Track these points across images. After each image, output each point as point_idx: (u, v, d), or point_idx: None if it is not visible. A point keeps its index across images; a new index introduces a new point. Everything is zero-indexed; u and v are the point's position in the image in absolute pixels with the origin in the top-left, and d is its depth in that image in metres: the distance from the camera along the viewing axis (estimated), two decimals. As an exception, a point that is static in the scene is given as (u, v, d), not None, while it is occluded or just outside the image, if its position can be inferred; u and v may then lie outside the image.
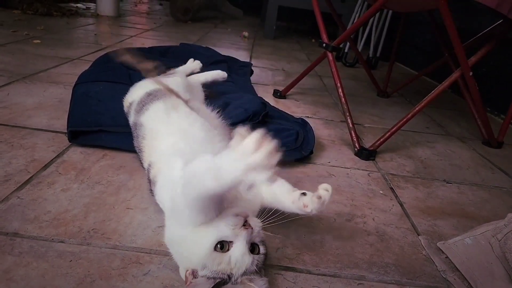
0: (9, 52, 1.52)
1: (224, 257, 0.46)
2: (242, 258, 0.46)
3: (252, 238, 0.49)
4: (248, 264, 0.47)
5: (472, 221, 0.78)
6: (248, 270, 0.47)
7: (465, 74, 0.99)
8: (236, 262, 0.46)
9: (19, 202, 0.63)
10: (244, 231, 0.48)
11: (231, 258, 0.46)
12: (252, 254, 0.48)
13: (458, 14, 1.63)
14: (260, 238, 0.50)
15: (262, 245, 0.51)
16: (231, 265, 0.46)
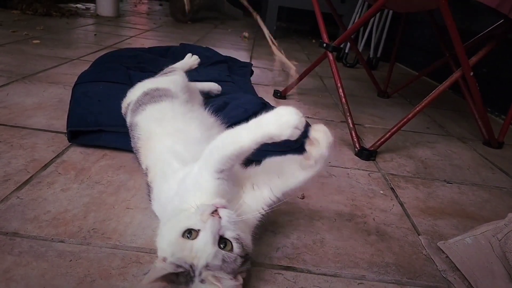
0: (8, 52, 1.52)
1: (187, 244, 0.45)
2: (204, 247, 0.44)
3: (222, 230, 0.46)
4: (209, 255, 0.44)
5: (472, 221, 0.78)
6: (212, 264, 0.44)
7: (466, 74, 0.99)
8: (198, 250, 0.44)
9: (18, 202, 0.63)
10: (210, 219, 0.46)
11: (194, 245, 0.45)
12: (218, 247, 0.45)
13: (459, 14, 1.64)
14: (234, 234, 0.47)
15: (238, 244, 0.47)
16: (193, 253, 0.44)
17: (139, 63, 1.38)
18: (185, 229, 0.46)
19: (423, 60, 2.27)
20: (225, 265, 0.45)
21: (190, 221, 0.46)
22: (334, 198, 0.80)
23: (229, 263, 0.45)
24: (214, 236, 0.45)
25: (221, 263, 0.45)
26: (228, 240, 0.46)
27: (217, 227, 0.46)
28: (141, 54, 1.48)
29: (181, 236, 0.46)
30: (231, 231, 0.47)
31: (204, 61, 1.54)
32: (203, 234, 0.45)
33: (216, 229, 0.45)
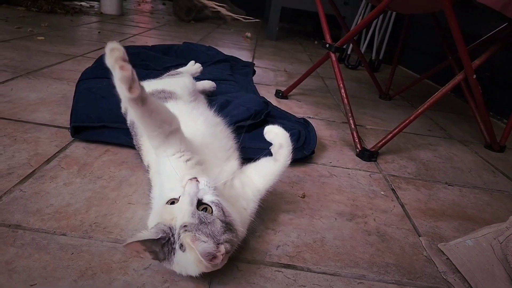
0: (13, 48, 1.52)
1: (168, 208, 0.48)
2: (180, 207, 0.47)
3: (200, 194, 0.48)
4: (185, 213, 0.46)
5: (473, 223, 0.78)
6: (189, 223, 0.45)
7: (469, 77, 0.99)
8: (176, 211, 0.47)
9: (21, 195, 0.63)
10: (189, 183, 0.48)
11: (173, 208, 0.47)
12: (195, 208, 0.47)
13: (462, 17, 1.63)
14: (213, 199, 0.48)
15: (217, 208, 0.48)
16: (171, 215, 0.47)
17: (142, 60, 1.38)
18: (168, 199, 0.49)
19: (425, 63, 2.27)
20: (203, 226, 0.46)
21: (173, 192, 0.50)
22: (335, 197, 0.80)
23: (207, 225, 0.46)
24: (192, 198, 0.47)
25: (198, 222, 0.46)
26: (207, 205, 0.48)
27: (194, 189, 0.48)
28: (145, 51, 1.48)
29: (165, 204, 0.49)
30: (210, 195, 0.49)
31: (207, 60, 1.55)
32: (182, 198, 0.48)
33: (194, 191, 0.48)
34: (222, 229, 0.47)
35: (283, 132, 0.63)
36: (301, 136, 0.94)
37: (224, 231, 0.47)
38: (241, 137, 0.90)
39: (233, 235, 0.49)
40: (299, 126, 1.01)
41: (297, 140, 0.92)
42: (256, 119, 0.93)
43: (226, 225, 0.48)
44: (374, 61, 2.24)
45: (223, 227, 0.47)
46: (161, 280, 0.50)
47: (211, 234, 0.46)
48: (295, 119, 1.08)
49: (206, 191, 0.49)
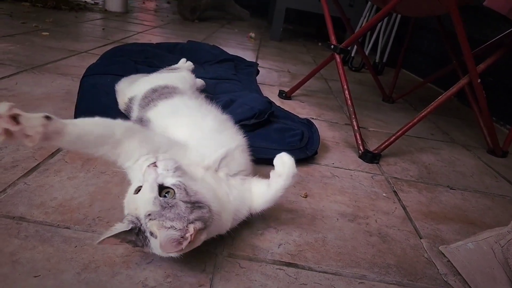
0: (18, 43, 1.53)
1: (132, 198, 0.47)
2: (141, 196, 0.46)
3: (160, 178, 0.46)
4: (146, 201, 0.45)
5: (474, 227, 0.78)
6: (152, 211, 0.45)
7: (473, 81, 0.99)
8: (138, 201, 0.46)
9: (26, 187, 0.64)
10: (146, 170, 0.47)
11: (136, 198, 0.47)
12: (158, 195, 0.45)
13: (468, 21, 1.64)
14: (175, 181, 0.47)
15: (180, 190, 0.46)
16: (135, 205, 0.46)
17: (146, 58, 1.39)
18: (135, 189, 0.48)
19: (428, 67, 2.27)
20: (167, 211, 0.45)
21: (136, 181, 0.49)
22: (337, 198, 0.80)
23: (170, 209, 0.45)
24: (151, 184, 0.46)
25: (160, 209, 0.45)
26: (170, 188, 0.47)
27: (153, 175, 0.47)
28: (149, 49, 1.49)
29: (132, 194, 0.48)
30: (171, 178, 0.47)
31: (211, 59, 1.55)
32: (143, 186, 0.47)
33: (152, 177, 0.47)
34: (188, 210, 0.46)
35: (291, 164, 0.59)
36: (304, 137, 0.95)
37: (191, 210, 0.46)
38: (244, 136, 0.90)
39: (203, 211, 0.47)
40: (303, 126, 1.01)
41: (300, 141, 0.93)
42: (260, 119, 0.93)
43: (192, 204, 0.46)
44: (378, 64, 2.24)
45: (188, 208, 0.46)
46: (163, 275, 0.51)
47: (176, 217, 0.45)
48: (299, 119, 1.08)
49: (165, 175, 0.47)
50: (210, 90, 1.15)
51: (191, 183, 0.49)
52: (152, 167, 0.48)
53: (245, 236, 0.63)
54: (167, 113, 0.70)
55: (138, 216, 0.46)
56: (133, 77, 0.99)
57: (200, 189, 0.49)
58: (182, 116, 0.68)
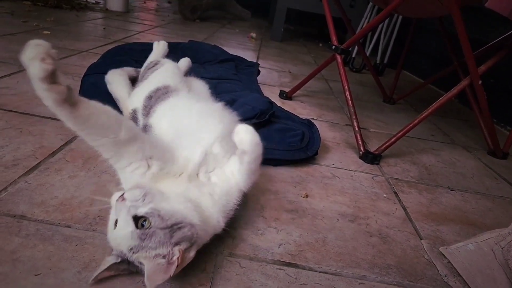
0: (19, 42, 1.53)
1: (112, 233, 0.46)
2: (120, 232, 0.45)
3: (132, 211, 0.45)
4: (124, 238, 0.44)
5: (475, 228, 0.78)
6: (133, 245, 0.44)
7: (474, 82, 0.99)
8: (117, 237, 0.45)
9: (26, 186, 0.64)
10: (116, 205, 0.47)
11: (115, 232, 0.46)
12: (135, 228, 0.44)
13: (469, 23, 1.64)
14: (147, 209, 0.45)
15: (154, 218, 0.45)
16: (116, 240, 0.45)
17: (147, 57, 1.39)
18: (113, 222, 0.47)
19: (429, 68, 2.27)
20: (147, 242, 0.44)
21: (113, 214, 0.48)
22: (337, 199, 0.80)
23: (149, 239, 0.44)
24: (124, 219, 0.45)
25: (140, 242, 0.44)
26: (145, 217, 0.45)
27: (124, 210, 0.45)
28: (150, 49, 1.49)
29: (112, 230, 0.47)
30: (142, 207, 0.45)
31: (212, 59, 1.55)
32: (118, 222, 0.46)
33: (124, 212, 0.45)
34: (167, 235, 0.45)
35: (249, 137, 0.55)
36: (305, 137, 0.95)
37: (170, 235, 0.45)
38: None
39: (184, 231, 0.46)
40: (303, 127, 1.01)
41: (301, 141, 0.93)
42: (261, 119, 0.93)
43: (171, 228, 0.45)
44: (379, 65, 2.24)
45: (167, 233, 0.45)
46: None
47: (158, 245, 0.44)
48: (299, 120, 1.08)
49: (136, 205, 0.45)
50: (211, 90, 1.15)
51: (164, 205, 0.47)
52: (121, 201, 0.46)
53: (246, 236, 0.63)
54: (162, 116, 0.69)
55: (122, 251, 0.45)
56: (117, 72, 0.95)
57: (176, 209, 0.48)
58: (170, 117, 0.67)
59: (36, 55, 0.40)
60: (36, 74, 0.40)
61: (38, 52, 0.40)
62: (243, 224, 0.66)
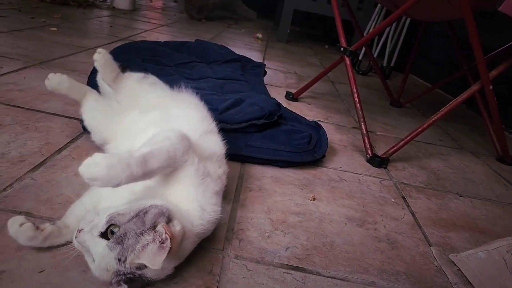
0: (26, 38, 1.53)
1: (95, 267, 0.44)
2: (98, 258, 0.43)
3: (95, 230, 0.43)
4: (106, 255, 0.42)
5: (485, 236, 0.76)
6: (117, 253, 0.42)
7: (485, 87, 0.98)
8: (99, 263, 0.43)
9: (32, 183, 0.63)
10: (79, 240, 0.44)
11: (96, 263, 0.44)
12: (106, 240, 0.43)
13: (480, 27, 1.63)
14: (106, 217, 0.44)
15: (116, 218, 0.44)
16: (102, 266, 0.43)
17: (154, 56, 1.38)
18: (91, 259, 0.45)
19: (436, 72, 2.25)
20: (127, 241, 0.42)
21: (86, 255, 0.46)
22: (344, 202, 0.79)
23: (126, 237, 0.42)
24: (93, 243, 0.43)
25: (120, 246, 0.42)
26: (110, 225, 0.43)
27: (87, 238, 0.43)
28: (157, 47, 1.48)
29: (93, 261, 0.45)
30: (100, 221, 0.44)
31: (218, 59, 1.55)
32: (91, 250, 0.44)
33: (88, 239, 0.43)
34: (139, 223, 0.43)
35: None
36: (312, 139, 0.94)
37: (142, 221, 0.44)
38: (252, 136, 0.89)
39: (151, 210, 0.45)
40: (310, 129, 1.00)
41: (308, 143, 0.92)
42: (269, 120, 0.93)
43: (137, 215, 0.44)
44: (386, 68, 2.23)
45: (138, 222, 0.43)
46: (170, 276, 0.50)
47: (139, 237, 0.43)
48: (306, 122, 1.07)
49: (94, 224, 0.44)
50: (217, 90, 1.15)
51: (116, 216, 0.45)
52: (80, 234, 0.44)
53: (252, 238, 0.62)
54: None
55: (115, 270, 0.42)
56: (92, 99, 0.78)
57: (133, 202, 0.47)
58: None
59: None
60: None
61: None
62: (250, 226, 0.65)
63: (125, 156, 0.45)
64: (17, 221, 0.47)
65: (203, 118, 0.68)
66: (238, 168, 0.84)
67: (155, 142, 0.50)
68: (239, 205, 0.71)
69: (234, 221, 0.65)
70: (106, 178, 0.43)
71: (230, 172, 0.81)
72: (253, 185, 0.78)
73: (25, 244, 0.48)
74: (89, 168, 0.42)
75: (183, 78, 1.23)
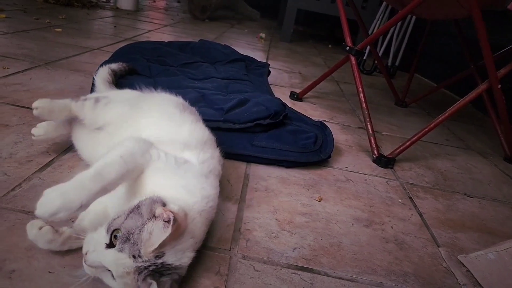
0: (32, 38, 1.54)
1: (116, 281, 0.44)
2: (117, 268, 0.43)
3: (99, 246, 0.43)
4: (120, 258, 0.42)
5: (493, 236, 0.76)
6: (130, 250, 0.42)
7: (493, 86, 0.97)
8: (122, 273, 0.42)
9: (40, 182, 0.63)
10: (90, 263, 0.44)
11: (117, 279, 0.44)
12: (113, 246, 0.43)
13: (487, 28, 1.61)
14: (106, 226, 0.44)
15: (114, 222, 0.44)
16: (124, 273, 0.43)
17: (159, 56, 1.39)
18: (109, 277, 0.45)
19: (441, 72, 2.24)
20: (133, 236, 0.42)
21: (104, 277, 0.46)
22: (351, 203, 0.78)
23: (131, 233, 0.43)
24: (106, 256, 0.43)
25: (128, 242, 0.42)
26: (114, 230, 0.44)
27: (95, 256, 0.43)
28: (161, 47, 1.49)
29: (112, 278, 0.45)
30: (101, 232, 0.44)
31: (222, 58, 1.55)
32: (107, 266, 0.43)
33: (100, 255, 0.43)
34: (137, 217, 0.44)
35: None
36: (318, 140, 0.93)
37: (140, 214, 0.44)
38: (258, 136, 0.89)
39: (143, 202, 0.45)
40: (316, 129, 1.00)
41: (314, 143, 0.91)
42: (275, 120, 0.92)
43: (133, 211, 0.44)
44: (390, 67, 2.21)
45: (135, 215, 0.44)
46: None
47: (142, 228, 0.43)
48: (312, 122, 1.07)
49: (98, 241, 0.44)
50: (222, 90, 1.15)
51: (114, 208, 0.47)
52: (87, 256, 0.43)
53: (259, 238, 0.62)
54: None
55: (136, 271, 0.42)
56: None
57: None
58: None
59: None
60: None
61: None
62: (256, 227, 0.65)
63: (77, 178, 0.46)
64: (36, 224, 0.47)
65: (173, 113, 0.66)
66: (244, 168, 0.84)
67: (108, 154, 0.50)
68: (245, 205, 0.70)
69: (241, 221, 0.65)
70: (64, 207, 0.43)
71: (236, 172, 0.81)
72: (259, 185, 0.78)
73: (44, 247, 0.48)
74: (44, 207, 0.43)
75: (187, 78, 1.23)
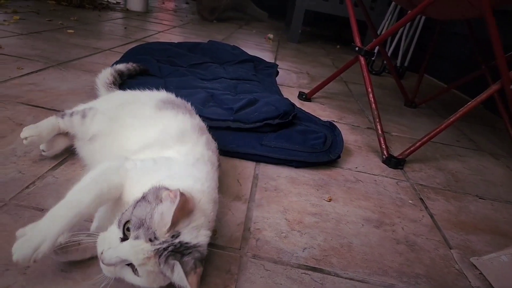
0: (45, 40, 1.57)
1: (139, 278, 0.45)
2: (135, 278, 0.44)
3: (114, 243, 0.44)
4: (140, 245, 0.43)
5: (506, 239, 0.74)
6: (146, 233, 0.43)
7: (505, 87, 0.95)
8: (143, 260, 0.43)
9: (54, 181, 0.64)
10: (107, 262, 0.44)
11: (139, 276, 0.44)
12: (127, 238, 0.44)
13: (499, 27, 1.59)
14: (116, 223, 0.45)
15: (124, 216, 0.45)
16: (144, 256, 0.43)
17: (168, 56, 1.40)
18: (131, 273, 0.45)
19: (451, 72, 2.21)
20: (146, 220, 0.43)
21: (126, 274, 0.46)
22: (361, 203, 0.78)
23: (143, 219, 0.43)
24: (126, 250, 0.43)
25: (143, 226, 0.43)
26: (125, 225, 0.44)
27: (111, 259, 0.43)
28: (171, 48, 1.50)
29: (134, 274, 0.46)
30: (114, 230, 0.45)
31: (232, 59, 1.55)
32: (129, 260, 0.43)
33: (112, 260, 0.43)
34: (145, 204, 0.45)
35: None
36: (327, 140, 0.93)
37: (147, 201, 0.45)
38: (267, 136, 0.89)
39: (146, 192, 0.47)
40: (325, 129, 0.99)
41: (323, 144, 0.91)
42: (284, 119, 0.92)
43: (138, 201, 0.45)
44: (399, 68, 2.19)
45: (143, 203, 0.45)
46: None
47: (152, 211, 0.44)
48: (321, 122, 1.07)
49: (111, 237, 0.44)
50: (231, 90, 1.15)
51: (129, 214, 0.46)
52: (103, 255, 0.43)
53: (269, 238, 0.62)
54: None
55: (156, 253, 0.42)
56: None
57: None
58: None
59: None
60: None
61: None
62: (266, 226, 0.65)
63: (50, 211, 0.47)
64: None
65: (148, 117, 0.67)
66: (253, 168, 0.84)
67: (81, 180, 0.53)
68: (255, 204, 0.70)
69: (251, 221, 0.65)
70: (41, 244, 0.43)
71: (245, 172, 0.81)
72: (268, 185, 0.78)
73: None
74: (20, 251, 0.42)
75: (197, 78, 1.24)
